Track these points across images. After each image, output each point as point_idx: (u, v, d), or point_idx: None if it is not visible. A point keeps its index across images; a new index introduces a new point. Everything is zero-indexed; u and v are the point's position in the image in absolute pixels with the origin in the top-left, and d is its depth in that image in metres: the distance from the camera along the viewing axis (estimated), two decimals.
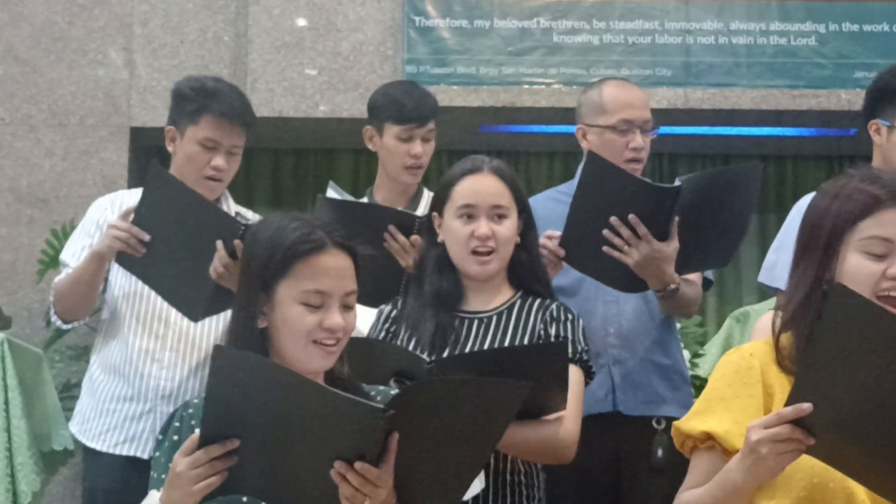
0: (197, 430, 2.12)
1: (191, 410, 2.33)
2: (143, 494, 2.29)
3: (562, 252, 3.16)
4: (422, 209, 3.61)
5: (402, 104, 3.65)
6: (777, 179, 6.92)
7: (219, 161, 3.51)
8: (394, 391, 2.42)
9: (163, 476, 2.23)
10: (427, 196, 3.70)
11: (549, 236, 3.16)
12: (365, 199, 3.75)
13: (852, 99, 5.78)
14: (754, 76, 6.07)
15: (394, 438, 2.05)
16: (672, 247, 3.13)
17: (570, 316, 2.92)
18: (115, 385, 3.55)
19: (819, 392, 1.95)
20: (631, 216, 3.09)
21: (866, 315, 1.93)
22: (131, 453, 3.49)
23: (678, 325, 3.86)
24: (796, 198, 3.72)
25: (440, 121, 3.80)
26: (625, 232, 3.10)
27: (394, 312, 2.99)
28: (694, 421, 2.23)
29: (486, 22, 6.03)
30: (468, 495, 2.43)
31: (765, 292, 5.04)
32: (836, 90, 6.01)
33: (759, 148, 6.68)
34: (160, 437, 2.36)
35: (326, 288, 2.28)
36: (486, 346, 2.87)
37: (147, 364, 3.53)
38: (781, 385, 2.18)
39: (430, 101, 3.71)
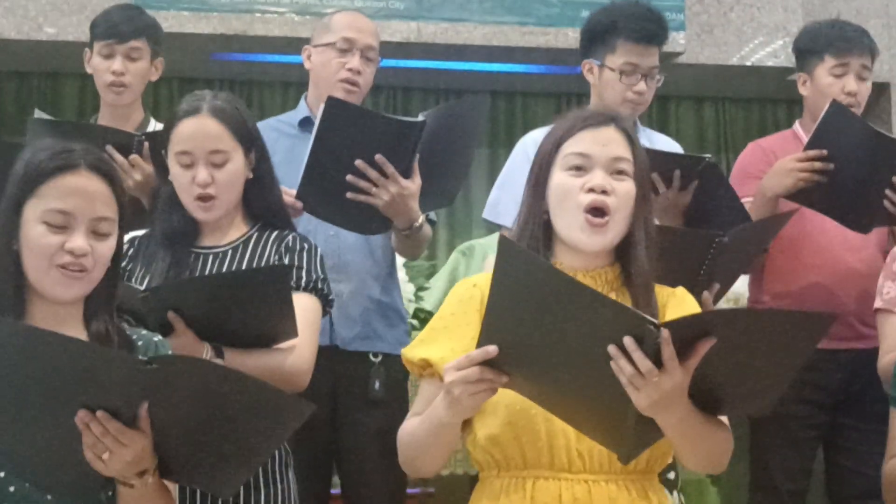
0: None
1: None
2: None
3: (299, 205, 3.14)
4: None
5: (108, 20, 3.62)
6: (507, 115, 7.05)
7: None
8: (156, 337, 2.35)
9: None
10: (153, 125, 3.63)
11: (285, 192, 3.13)
12: None
13: (579, 38, 5.91)
14: (485, 12, 6.14)
15: (143, 406, 2.02)
16: (416, 183, 3.15)
17: (305, 245, 2.87)
18: None
19: (504, 334, 2.03)
20: (378, 156, 3.08)
21: (527, 264, 2.02)
22: None
23: (404, 259, 3.90)
24: (526, 133, 3.80)
25: (170, 47, 3.73)
26: (372, 174, 3.10)
27: (130, 251, 2.90)
28: (417, 349, 2.31)
29: None
30: None
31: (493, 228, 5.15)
32: (563, 28, 6.13)
33: (490, 83, 6.78)
34: None
35: (70, 208, 2.19)
36: None
37: None
38: None
39: (142, 20, 3.65)
